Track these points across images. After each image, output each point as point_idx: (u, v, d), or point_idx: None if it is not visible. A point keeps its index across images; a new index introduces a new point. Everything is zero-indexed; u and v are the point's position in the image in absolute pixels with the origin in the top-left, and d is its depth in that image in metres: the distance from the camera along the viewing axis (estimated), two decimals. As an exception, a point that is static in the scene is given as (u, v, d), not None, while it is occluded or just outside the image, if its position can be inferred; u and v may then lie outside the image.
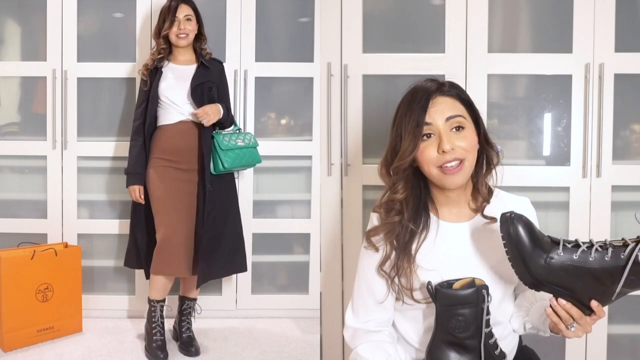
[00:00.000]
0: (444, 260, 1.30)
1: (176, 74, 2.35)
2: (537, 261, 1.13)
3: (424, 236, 1.32)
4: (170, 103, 2.31)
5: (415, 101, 1.28)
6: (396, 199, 1.32)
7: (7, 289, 2.29)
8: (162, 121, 2.34)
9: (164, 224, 2.26)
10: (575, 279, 1.13)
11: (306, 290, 2.77)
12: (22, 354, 2.30)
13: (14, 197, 2.72)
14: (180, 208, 2.28)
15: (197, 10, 2.38)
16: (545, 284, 1.15)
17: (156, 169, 2.30)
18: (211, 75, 2.37)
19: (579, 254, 1.12)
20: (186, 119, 2.31)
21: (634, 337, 2.27)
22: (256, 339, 2.51)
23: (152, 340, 2.28)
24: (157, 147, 2.32)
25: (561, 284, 1.14)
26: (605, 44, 2.12)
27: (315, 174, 2.70)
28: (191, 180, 2.31)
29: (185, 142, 2.30)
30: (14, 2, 2.66)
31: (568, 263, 1.12)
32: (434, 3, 2.22)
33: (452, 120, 1.27)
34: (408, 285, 1.30)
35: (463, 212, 1.36)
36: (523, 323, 1.36)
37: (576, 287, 1.14)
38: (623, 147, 2.20)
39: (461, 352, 1.24)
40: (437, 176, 1.28)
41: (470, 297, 1.21)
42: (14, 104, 2.73)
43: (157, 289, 2.30)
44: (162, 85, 2.31)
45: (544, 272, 1.13)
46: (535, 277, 1.14)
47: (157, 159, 2.31)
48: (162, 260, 2.25)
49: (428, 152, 1.26)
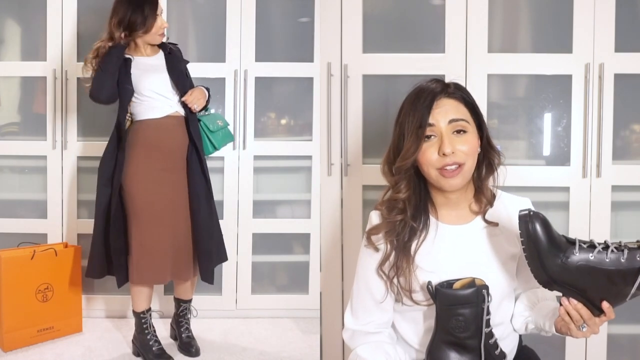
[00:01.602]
0: (443, 263, 1.30)
1: (148, 67, 2.20)
2: (553, 260, 1.14)
3: (423, 236, 1.32)
4: (156, 97, 2.17)
5: (420, 101, 1.27)
6: (399, 197, 1.31)
7: (7, 289, 2.29)
8: (144, 115, 2.18)
9: (143, 230, 2.13)
10: (589, 279, 1.14)
11: (306, 290, 2.77)
12: (22, 354, 2.30)
13: (14, 197, 2.72)
14: (165, 214, 2.16)
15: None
16: (559, 283, 1.15)
17: (137, 170, 2.15)
18: (178, 59, 2.28)
19: (595, 254, 1.13)
20: (174, 111, 2.20)
21: (634, 337, 2.27)
22: (256, 339, 2.51)
23: (151, 350, 2.22)
24: (139, 143, 2.16)
25: (575, 284, 1.15)
26: (605, 44, 2.12)
27: (315, 174, 2.70)
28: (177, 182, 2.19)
29: (174, 139, 2.19)
30: (14, 2, 2.67)
31: (583, 263, 1.13)
32: (434, 3, 2.22)
33: (454, 123, 1.26)
34: (407, 286, 1.30)
35: (462, 214, 1.35)
36: (525, 323, 1.36)
37: (589, 287, 1.14)
38: (623, 147, 2.20)
39: (461, 352, 1.24)
40: (435, 178, 1.28)
41: (471, 297, 1.21)
42: (14, 104, 2.73)
43: (142, 300, 2.21)
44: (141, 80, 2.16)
45: (559, 271, 1.14)
46: (550, 276, 1.15)
47: (140, 156, 2.15)
48: (142, 270, 2.13)
49: (429, 154, 1.26)
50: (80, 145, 2.66)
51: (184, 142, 2.22)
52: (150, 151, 2.17)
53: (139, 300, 2.24)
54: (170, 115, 2.21)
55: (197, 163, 2.23)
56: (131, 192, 2.15)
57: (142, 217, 2.15)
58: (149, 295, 2.26)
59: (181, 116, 2.23)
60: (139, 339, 2.28)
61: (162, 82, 2.20)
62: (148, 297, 2.26)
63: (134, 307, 2.26)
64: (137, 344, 2.29)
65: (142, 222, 2.15)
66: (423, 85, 1.31)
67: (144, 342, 2.25)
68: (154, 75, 2.20)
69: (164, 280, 2.26)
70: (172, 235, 2.18)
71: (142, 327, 2.25)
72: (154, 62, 2.23)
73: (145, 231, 2.15)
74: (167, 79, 2.21)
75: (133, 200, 2.15)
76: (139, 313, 2.25)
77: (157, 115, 2.19)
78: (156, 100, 2.19)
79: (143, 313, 2.25)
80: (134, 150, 2.17)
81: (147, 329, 2.25)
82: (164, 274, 2.19)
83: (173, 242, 2.18)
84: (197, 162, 2.23)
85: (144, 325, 2.25)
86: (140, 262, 2.14)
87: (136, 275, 2.16)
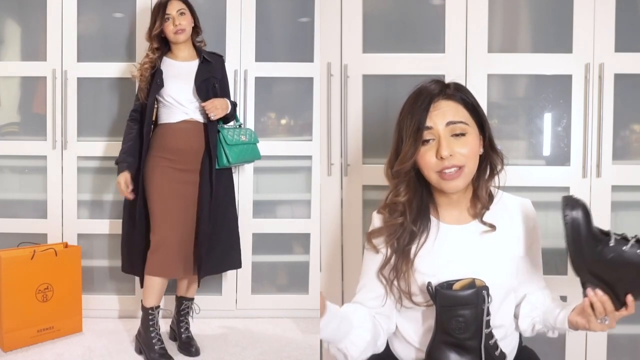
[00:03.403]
0: (443, 264, 1.30)
1: (177, 71, 2.29)
2: (591, 249, 1.15)
3: (423, 239, 1.32)
4: (174, 103, 2.26)
5: (417, 103, 1.26)
6: (399, 201, 1.31)
7: (7, 289, 2.29)
8: (164, 119, 2.28)
9: (159, 225, 2.22)
10: (620, 272, 1.14)
11: (306, 290, 2.77)
12: (22, 354, 2.30)
13: (14, 197, 2.72)
14: (177, 209, 2.24)
15: (189, 4, 2.32)
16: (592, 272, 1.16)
17: (154, 169, 2.25)
18: (214, 70, 2.33)
19: (628, 248, 1.14)
20: (190, 118, 2.27)
21: (634, 337, 2.27)
22: (256, 339, 2.51)
23: (153, 349, 2.22)
24: (158, 145, 2.27)
25: (605, 275, 1.16)
26: (605, 44, 2.12)
27: (315, 174, 2.69)
28: (190, 181, 2.27)
29: (187, 142, 2.26)
30: (14, 2, 2.66)
31: (617, 255, 1.14)
32: (434, 3, 2.22)
33: (452, 126, 1.25)
34: (407, 289, 1.30)
35: (464, 214, 1.35)
36: (533, 324, 1.35)
37: (618, 280, 1.15)
38: (623, 147, 2.20)
39: (461, 353, 1.24)
40: (436, 181, 1.27)
41: (471, 298, 1.21)
42: (14, 104, 2.73)
43: (153, 293, 2.23)
44: (165, 85, 2.26)
45: (594, 261, 1.15)
46: (586, 264, 1.15)
47: (157, 157, 2.26)
48: (157, 261, 2.20)
49: (427, 157, 1.25)
50: (80, 145, 2.66)
51: (199, 146, 2.28)
52: (165, 152, 2.26)
53: (149, 294, 2.24)
54: (187, 121, 2.28)
55: (208, 172, 2.28)
56: (148, 190, 2.25)
57: (155, 212, 2.23)
58: (159, 291, 2.25)
59: (199, 122, 2.29)
60: (143, 336, 2.27)
61: (182, 89, 2.27)
62: (158, 293, 2.25)
63: (144, 302, 2.27)
64: (140, 341, 2.29)
65: (156, 217, 2.23)
66: (422, 86, 1.30)
67: (147, 340, 2.25)
68: (176, 81, 2.28)
69: (175, 274, 2.28)
70: (182, 231, 2.24)
71: (148, 324, 2.25)
72: (184, 67, 2.31)
73: (158, 226, 2.22)
74: (190, 86, 2.27)
75: (149, 197, 2.25)
76: (148, 309, 2.25)
77: (172, 120, 2.28)
78: (173, 106, 2.27)
79: (151, 309, 2.24)
80: (151, 152, 2.28)
81: (152, 327, 2.25)
82: (174, 268, 2.24)
83: (183, 238, 2.25)
84: (207, 170, 2.28)
85: (150, 322, 2.24)
86: (152, 254, 2.21)
87: (147, 266, 2.22)
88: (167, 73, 2.28)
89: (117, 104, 2.67)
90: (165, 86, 2.26)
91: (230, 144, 2.30)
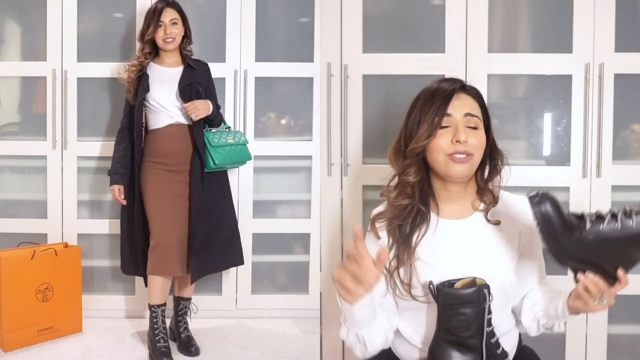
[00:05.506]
0: (443, 256, 1.32)
1: (162, 76, 2.35)
2: (569, 237, 1.15)
3: (424, 230, 1.35)
4: (159, 107, 2.32)
5: (439, 92, 1.33)
6: (409, 181, 1.35)
7: (7, 289, 2.29)
8: (153, 125, 2.35)
9: (156, 226, 2.27)
10: (605, 250, 1.15)
11: (306, 290, 2.77)
12: (22, 354, 2.30)
13: (14, 197, 2.72)
14: (172, 209, 2.28)
15: (183, 13, 2.37)
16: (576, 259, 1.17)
17: (148, 172, 2.32)
18: (197, 76, 2.37)
19: (605, 225, 1.14)
20: (175, 121, 2.32)
21: (634, 337, 2.27)
22: (256, 339, 2.51)
23: (155, 347, 2.25)
24: (149, 151, 2.34)
25: (591, 257, 1.16)
26: (605, 44, 2.13)
27: (315, 174, 2.70)
28: (183, 181, 2.31)
29: (175, 145, 2.31)
30: (14, 2, 2.66)
31: (596, 235, 1.14)
32: (434, 3, 2.22)
33: (469, 117, 1.31)
34: (407, 279, 1.31)
35: (463, 209, 1.38)
36: (537, 319, 1.35)
37: (605, 257, 1.16)
38: (623, 147, 2.20)
39: (463, 351, 1.24)
40: (443, 162, 1.30)
41: (472, 297, 1.22)
42: (14, 104, 2.73)
43: (156, 291, 2.27)
44: (151, 89, 2.31)
45: (576, 248, 1.16)
46: (569, 254, 1.17)
47: (150, 162, 2.33)
48: (156, 260, 2.24)
49: (441, 140, 1.30)
50: (80, 145, 2.66)
51: (187, 148, 2.33)
52: (156, 157, 2.32)
53: (152, 291, 2.29)
54: (172, 124, 2.33)
55: (198, 172, 2.31)
56: (144, 193, 2.32)
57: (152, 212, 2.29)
58: (161, 290, 2.29)
59: (184, 125, 2.33)
60: (149, 333, 2.33)
61: (166, 94, 2.32)
62: (161, 292, 2.29)
63: (149, 300, 2.31)
64: (148, 338, 2.34)
65: (153, 217, 2.28)
66: (442, 80, 1.37)
67: (151, 337, 2.29)
68: (161, 86, 2.33)
69: (174, 272, 2.30)
70: (179, 230, 2.28)
71: (152, 321, 2.29)
72: (169, 73, 2.36)
73: (156, 225, 2.27)
74: (174, 91, 2.32)
75: (145, 199, 2.32)
76: (152, 306, 2.30)
77: (160, 125, 2.34)
78: (159, 111, 2.33)
79: (155, 307, 2.29)
80: (144, 157, 2.34)
81: (156, 324, 2.28)
82: (173, 266, 2.26)
83: (180, 237, 2.28)
84: (197, 170, 2.31)
85: (154, 320, 2.29)
86: (151, 253, 2.26)
87: (148, 265, 2.27)
88: (152, 78, 2.34)
89: (117, 104, 2.66)
90: (151, 91, 2.31)
91: (215, 145, 2.32)
